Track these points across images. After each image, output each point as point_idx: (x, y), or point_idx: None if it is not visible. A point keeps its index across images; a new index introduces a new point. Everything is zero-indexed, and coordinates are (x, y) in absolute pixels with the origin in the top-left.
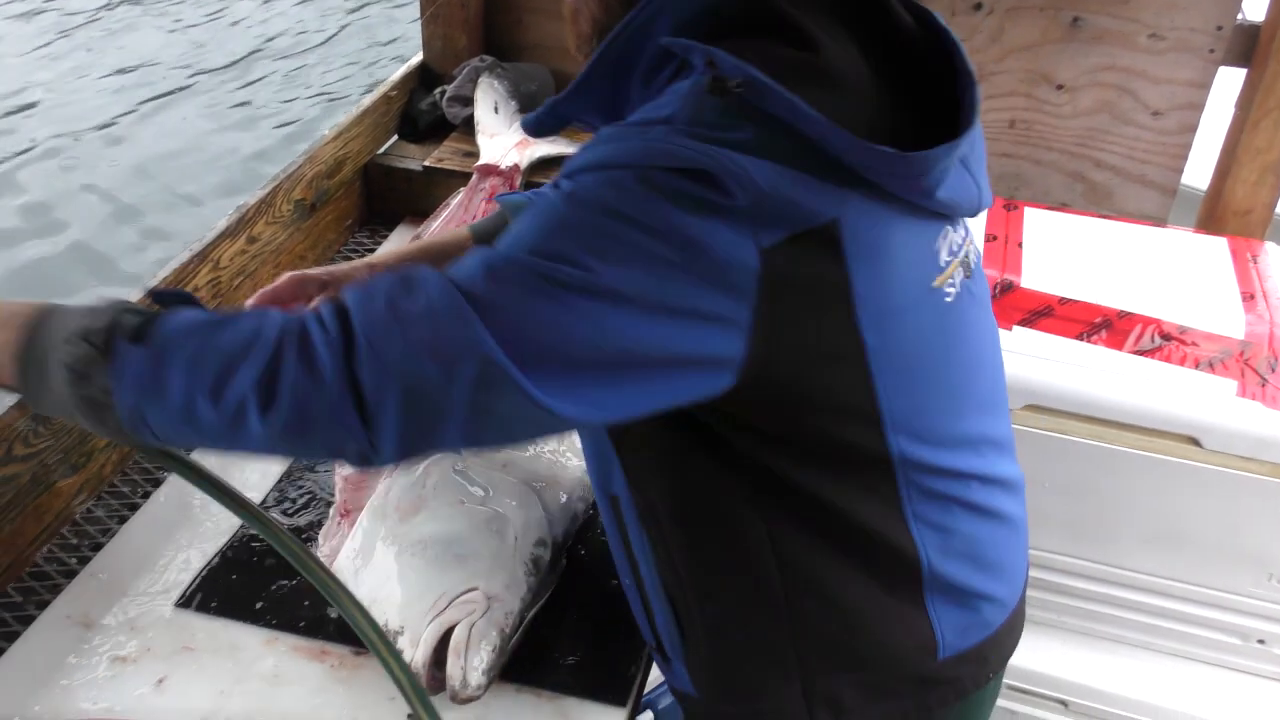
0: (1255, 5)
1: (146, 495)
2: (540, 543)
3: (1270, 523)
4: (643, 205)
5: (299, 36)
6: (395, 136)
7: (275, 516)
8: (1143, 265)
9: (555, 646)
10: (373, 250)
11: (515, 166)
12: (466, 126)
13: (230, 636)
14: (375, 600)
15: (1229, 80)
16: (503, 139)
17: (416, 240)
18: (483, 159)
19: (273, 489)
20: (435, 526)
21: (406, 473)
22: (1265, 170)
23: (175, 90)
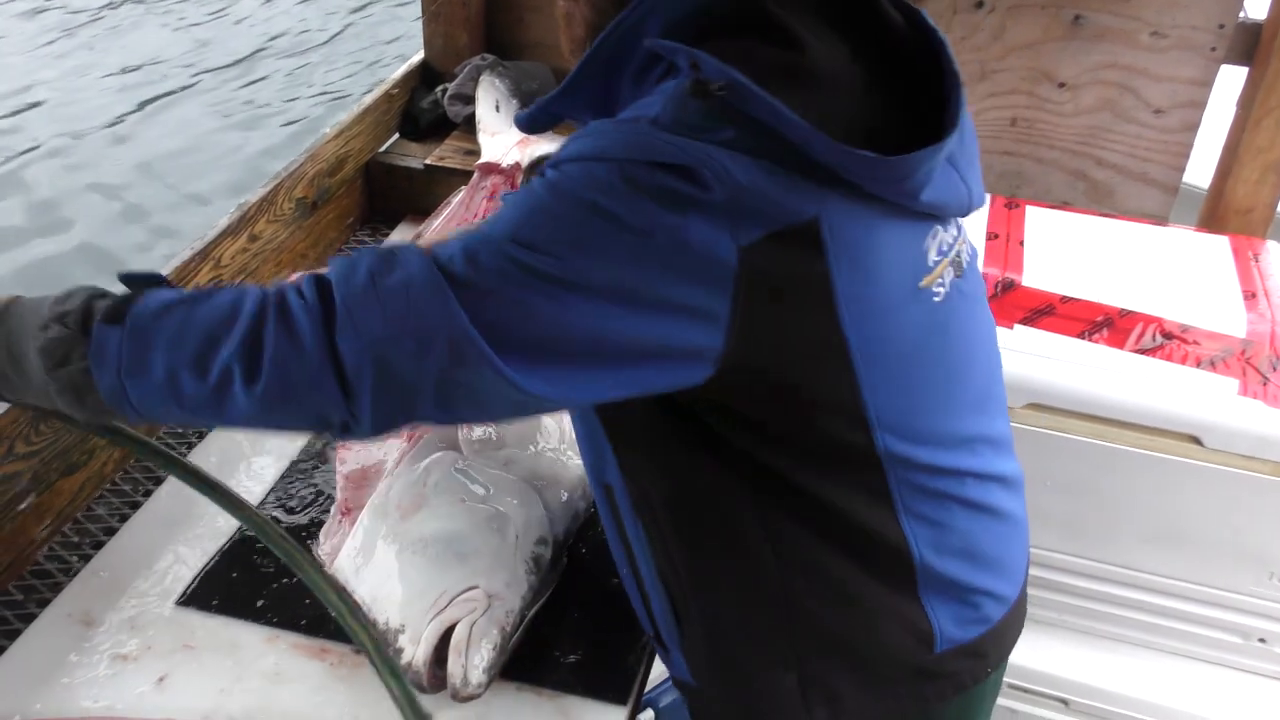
0: (1257, 3)
1: (148, 494)
2: (541, 541)
3: (1271, 521)
4: (622, 198)
5: (302, 35)
6: (397, 135)
7: (277, 514)
8: (1144, 264)
9: (556, 645)
10: None
11: (516, 165)
12: (468, 125)
13: (231, 634)
14: (376, 598)
15: (1231, 79)
16: (504, 137)
17: (418, 239)
18: (484, 157)
19: (274, 487)
20: (436, 525)
21: (408, 471)
22: (1267, 169)
23: (180, 89)
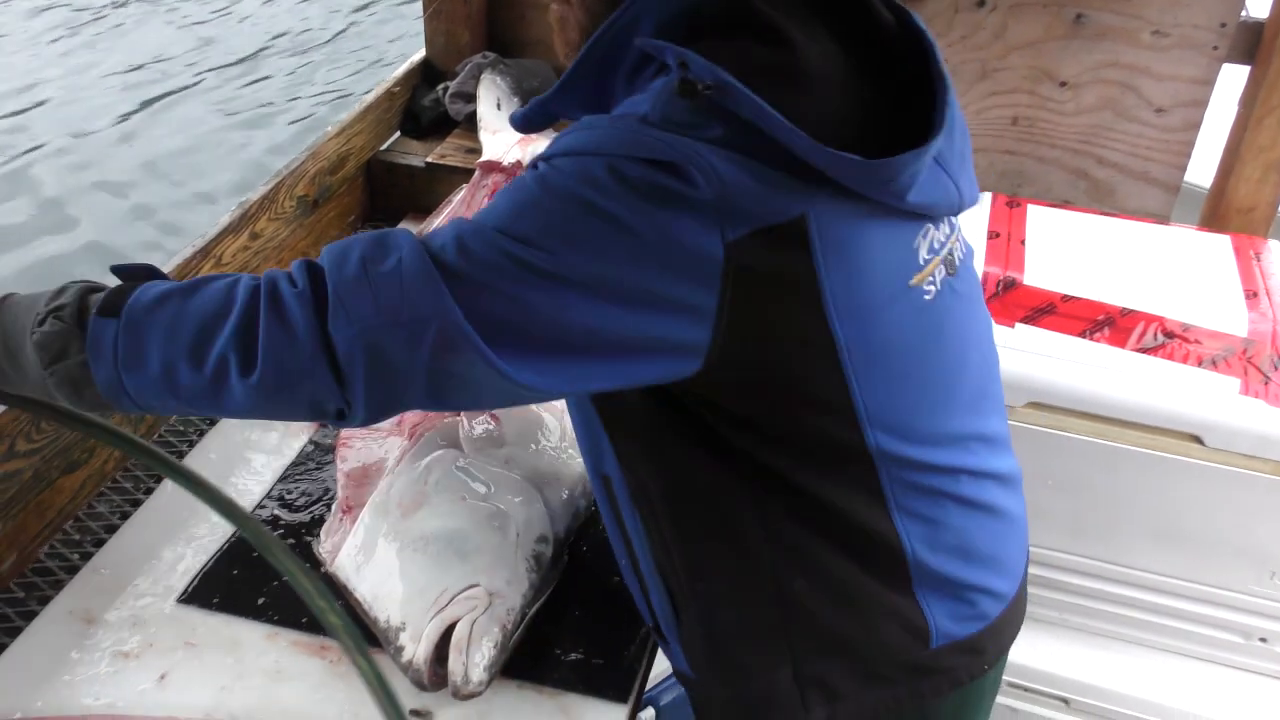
0: (1259, 2)
1: (149, 491)
2: (542, 539)
3: (1272, 521)
4: (612, 194)
5: (306, 34)
6: (398, 133)
7: (278, 512)
8: (1145, 263)
9: (557, 643)
10: None
11: (518, 163)
12: (469, 123)
13: (232, 632)
14: (377, 596)
15: (1233, 77)
16: (505, 135)
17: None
18: (485, 155)
19: (275, 485)
20: (437, 523)
21: (409, 469)
22: (1269, 168)
23: (185, 87)
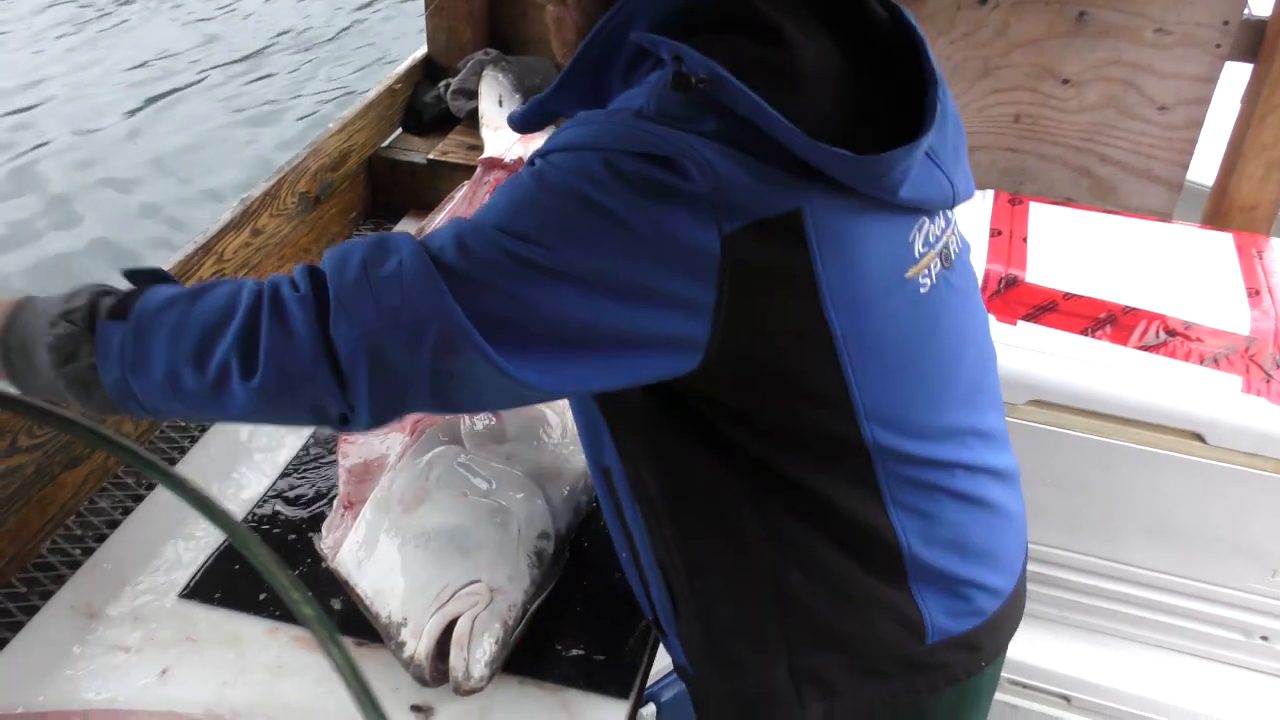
0: (1262, 0)
1: (151, 486)
2: (543, 535)
3: (1274, 519)
4: (608, 189)
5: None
6: (400, 129)
7: (279, 509)
8: (1148, 261)
9: (558, 639)
10: None
11: (519, 159)
12: (471, 119)
13: (233, 627)
14: (379, 592)
15: (1235, 75)
16: (507, 132)
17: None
18: (487, 152)
19: (277, 480)
20: (439, 519)
21: (410, 465)
22: (1271, 166)
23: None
